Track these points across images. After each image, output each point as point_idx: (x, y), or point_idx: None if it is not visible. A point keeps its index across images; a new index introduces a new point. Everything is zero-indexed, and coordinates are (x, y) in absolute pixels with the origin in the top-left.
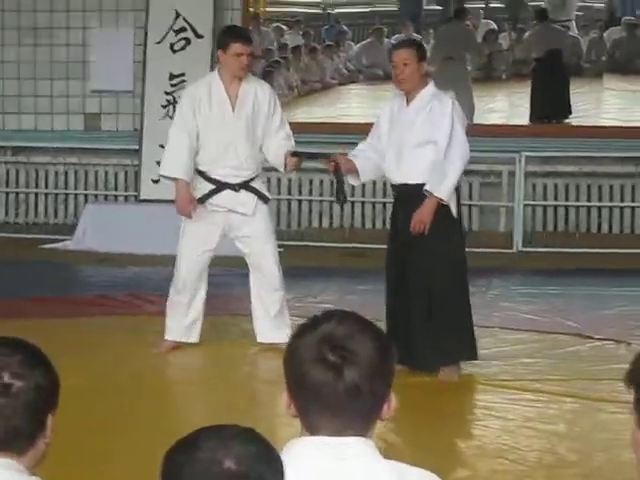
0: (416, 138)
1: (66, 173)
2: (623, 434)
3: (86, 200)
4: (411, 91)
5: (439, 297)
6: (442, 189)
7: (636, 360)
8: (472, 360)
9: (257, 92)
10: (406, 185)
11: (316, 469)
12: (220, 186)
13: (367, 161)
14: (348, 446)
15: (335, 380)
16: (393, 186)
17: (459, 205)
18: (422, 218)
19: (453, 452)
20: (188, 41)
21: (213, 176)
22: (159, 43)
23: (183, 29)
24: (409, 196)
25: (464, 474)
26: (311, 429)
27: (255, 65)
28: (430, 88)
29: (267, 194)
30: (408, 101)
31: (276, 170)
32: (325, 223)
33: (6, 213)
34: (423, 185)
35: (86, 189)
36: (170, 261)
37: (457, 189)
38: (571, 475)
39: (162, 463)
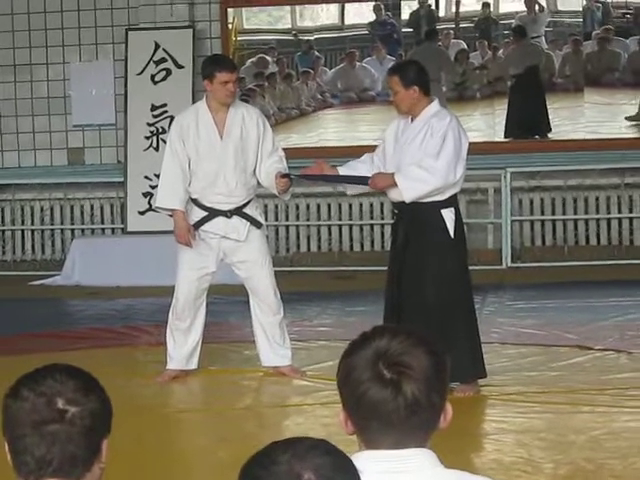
0: (414, 156)
1: (52, 208)
2: (637, 441)
3: (73, 234)
4: (409, 113)
5: (440, 317)
6: (403, 182)
7: None
8: (481, 378)
9: (244, 117)
10: (404, 202)
11: None
12: (212, 213)
13: (351, 165)
14: (410, 458)
15: (394, 397)
16: (393, 204)
17: (460, 225)
18: (374, 180)
19: (471, 468)
20: (169, 72)
21: (205, 203)
22: (140, 74)
23: (163, 60)
24: (408, 213)
25: None
26: (371, 444)
27: None
28: (433, 107)
29: (260, 219)
30: (412, 119)
31: (271, 196)
32: (314, 247)
33: None
34: (421, 203)
35: (72, 223)
36: (159, 292)
37: (457, 209)
38: None
39: (239, 478)
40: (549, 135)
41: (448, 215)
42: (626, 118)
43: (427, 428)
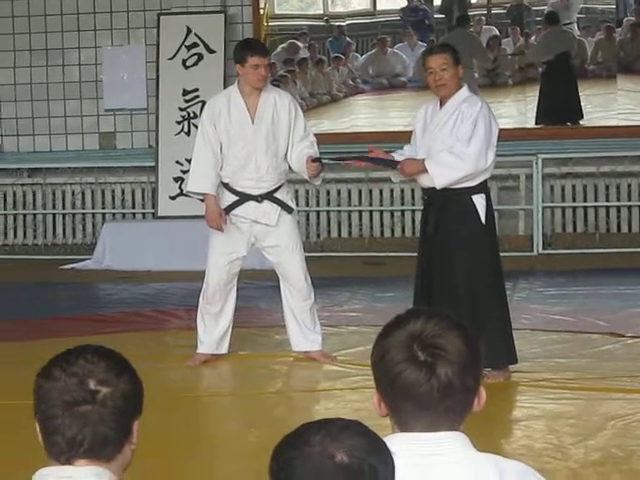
0: (444, 141)
1: (83, 193)
2: None
3: (104, 219)
4: (449, 94)
5: (471, 303)
6: (434, 168)
7: None
8: (512, 364)
9: (276, 102)
10: (435, 188)
11: (412, 464)
12: (243, 197)
13: (400, 153)
14: (442, 441)
15: (428, 379)
16: (423, 190)
17: (491, 211)
18: (403, 166)
19: (501, 454)
20: (200, 56)
21: (236, 188)
22: (171, 59)
23: (195, 45)
24: (439, 200)
25: None
26: (404, 427)
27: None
28: (463, 92)
29: (291, 204)
30: (442, 104)
31: (302, 182)
32: (344, 233)
33: (24, 235)
34: (452, 189)
35: (103, 208)
36: (190, 277)
37: (487, 195)
38: (621, 471)
39: (272, 460)
40: (581, 122)
41: (479, 201)
42: None
43: (460, 411)
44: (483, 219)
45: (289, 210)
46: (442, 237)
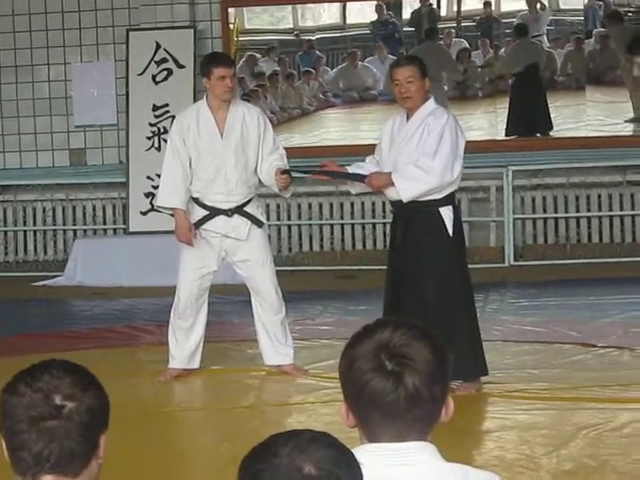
0: (410, 154)
1: (54, 209)
2: None
3: (75, 235)
4: (415, 107)
5: (441, 315)
6: (401, 182)
7: None
8: (483, 376)
9: (245, 116)
10: (402, 201)
11: (379, 476)
12: (213, 212)
13: (358, 166)
14: (410, 451)
15: (395, 388)
16: (391, 202)
17: (459, 222)
18: (370, 180)
19: (473, 465)
20: (170, 72)
21: (206, 202)
22: (141, 75)
23: (164, 60)
24: (406, 212)
25: None
26: (372, 437)
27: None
28: (430, 104)
29: (261, 218)
30: (408, 117)
31: (273, 196)
32: (316, 246)
33: None
34: (419, 202)
35: (74, 224)
36: (161, 292)
37: (455, 207)
38: None
39: (240, 471)
40: (551, 133)
41: (446, 213)
42: (625, 121)
43: (428, 421)
44: (451, 231)
45: (259, 224)
46: (410, 250)
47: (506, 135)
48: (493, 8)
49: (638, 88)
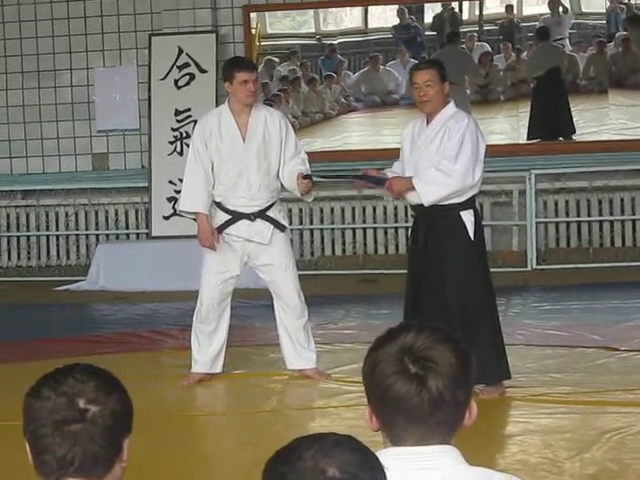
0: (431, 158)
1: (76, 214)
2: None
3: (98, 240)
4: (434, 111)
5: (462, 319)
6: (422, 185)
7: None
8: (506, 379)
9: (267, 120)
10: (423, 205)
11: (404, 479)
12: (235, 216)
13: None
14: (433, 455)
15: (419, 391)
16: (412, 207)
17: (479, 226)
18: (391, 184)
19: (496, 469)
20: (192, 76)
21: (228, 206)
22: (163, 80)
23: (187, 65)
24: (427, 216)
25: None
26: (395, 440)
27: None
28: (450, 108)
29: (284, 222)
30: (428, 121)
31: (296, 200)
32: (338, 250)
33: (18, 257)
34: (440, 205)
35: (97, 229)
36: (184, 296)
37: (475, 211)
38: None
39: (264, 475)
40: (573, 137)
41: (467, 217)
42: None
43: (452, 424)
44: (472, 235)
45: (282, 228)
46: (432, 253)
47: (528, 139)
48: (515, 12)
49: None
